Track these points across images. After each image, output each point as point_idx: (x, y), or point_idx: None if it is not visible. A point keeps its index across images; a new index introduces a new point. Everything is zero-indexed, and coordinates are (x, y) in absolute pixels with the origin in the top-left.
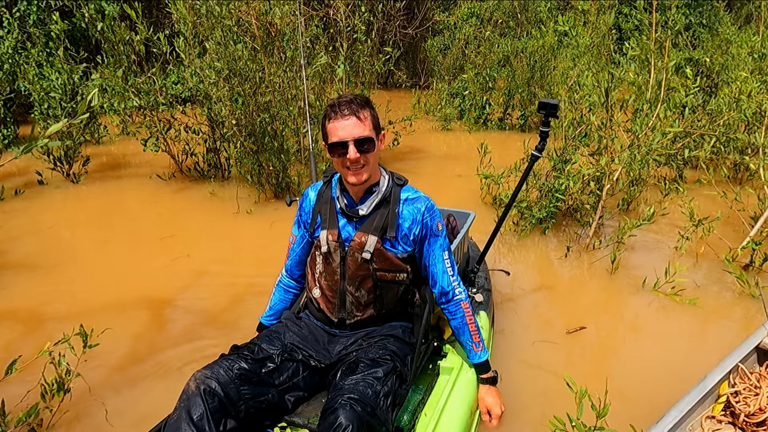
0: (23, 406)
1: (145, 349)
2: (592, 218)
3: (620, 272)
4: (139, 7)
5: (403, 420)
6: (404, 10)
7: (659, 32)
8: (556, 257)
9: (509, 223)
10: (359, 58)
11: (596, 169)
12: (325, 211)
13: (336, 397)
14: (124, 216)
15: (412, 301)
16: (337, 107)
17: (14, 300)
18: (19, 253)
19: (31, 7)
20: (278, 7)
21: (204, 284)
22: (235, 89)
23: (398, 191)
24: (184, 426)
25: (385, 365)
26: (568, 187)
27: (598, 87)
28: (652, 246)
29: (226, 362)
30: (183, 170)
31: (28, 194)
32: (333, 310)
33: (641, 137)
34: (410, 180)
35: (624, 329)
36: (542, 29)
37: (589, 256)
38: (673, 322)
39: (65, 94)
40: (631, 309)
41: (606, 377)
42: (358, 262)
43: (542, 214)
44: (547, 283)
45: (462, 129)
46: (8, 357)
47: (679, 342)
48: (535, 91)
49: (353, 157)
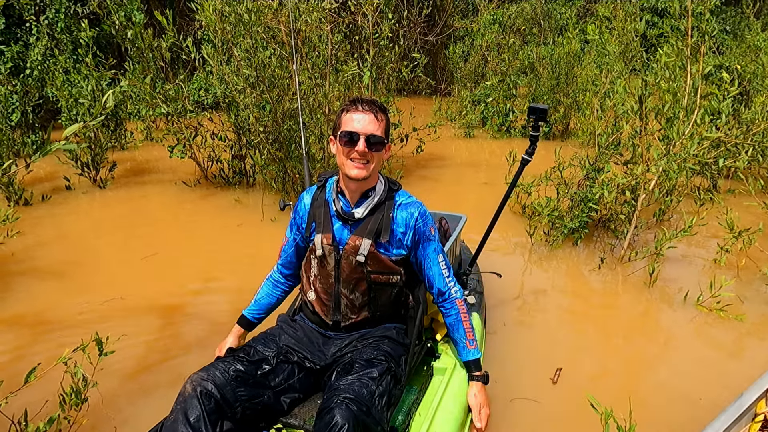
0: (42, 415)
1: (157, 356)
2: (626, 229)
3: (657, 285)
4: (170, 14)
5: (398, 420)
6: (425, 17)
7: (695, 37)
8: (588, 269)
9: (540, 233)
10: (386, 64)
11: (632, 178)
12: (320, 215)
13: (332, 397)
14: (150, 222)
15: (405, 303)
16: (359, 102)
17: (34, 305)
18: (44, 258)
19: (59, 14)
20: (307, 14)
21: (223, 291)
22: (264, 96)
23: (393, 196)
24: (180, 428)
25: (380, 366)
26: (602, 197)
27: (630, 95)
28: (688, 258)
29: (222, 364)
30: (208, 177)
31: (55, 199)
32: (328, 312)
33: (677, 145)
34: (434, 188)
35: (660, 344)
36: (567, 36)
37: (623, 268)
38: (713, 338)
39: (93, 100)
40: (669, 323)
41: (631, 395)
42: (352, 265)
43: (575, 224)
44: (580, 294)
45: (485, 136)
46: (19, 361)
47: (718, 359)
48: (560, 98)
49: (361, 149)
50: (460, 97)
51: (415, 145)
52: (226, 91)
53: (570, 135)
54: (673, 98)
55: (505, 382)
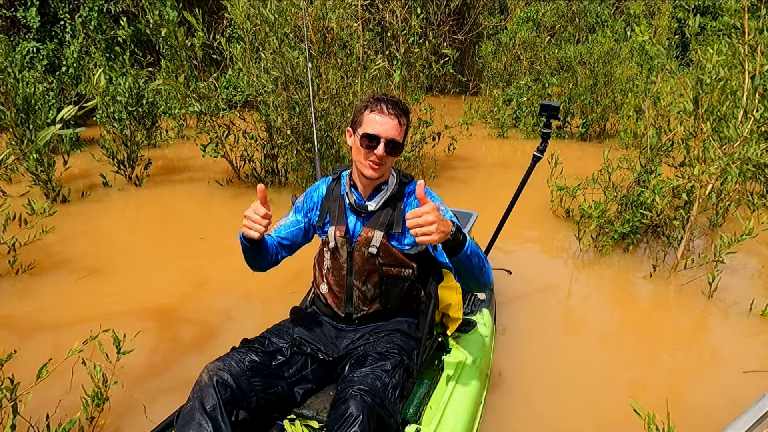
0: (57, 416)
1: (185, 355)
2: (681, 234)
3: (715, 295)
4: (200, 13)
5: (409, 412)
6: (454, 15)
7: (752, 34)
8: (639, 277)
9: (587, 239)
10: (416, 61)
11: (688, 180)
12: (335, 208)
13: (346, 389)
14: (182, 221)
15: (417, 298)
16: (384, 103)
17: (56, 301)
18: (74, 255)
19: (92, 13)
20: (333, 11)
21: (249, 293)
22: (293, 97)
23: (404, 189)
24: (197, 416)
25: (393, 359)
26: (655, 201)
27: (682, 96)
28: (745, 268)
29: (237, 355)
30: (240, 176)
31: (93, 196)
32: (340, 304)
33: (736, 146)
34: (468, 190)
35: (714, 356)
36: (607, 33)
37: (677, 277)
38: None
39: (131, 97)
40: (728, 335)
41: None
42: (364, 257)
43: (625, 228)
44: (630, 304)
45: (518, 137)
46: (29, 357)
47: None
48: (598, 98)
49: (381, 154)
50: (492, 96)
51: (446, 143)
52: (257, 90)
53: (608, 136)
54: (732, 97)
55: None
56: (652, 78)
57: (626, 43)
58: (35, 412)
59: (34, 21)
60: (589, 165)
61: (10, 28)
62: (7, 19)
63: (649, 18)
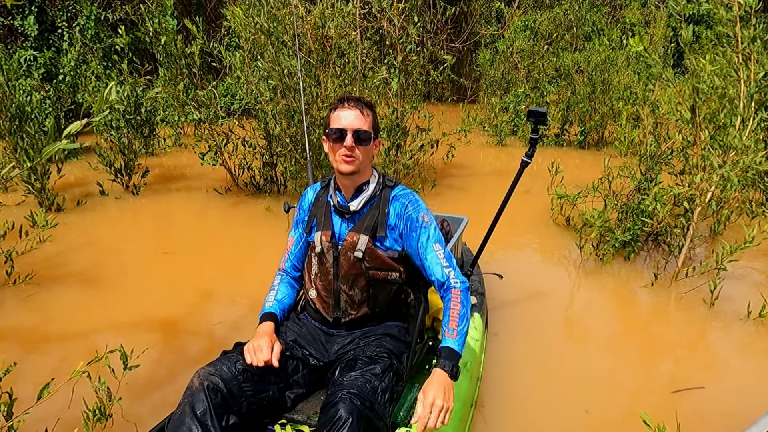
0: (59, 430)
1: (183, 366)
2: (682, 242)
3: (717, 303)
4: (200, 21)
5: (399, 416)
6: (451, 24)
7: (745, 42)
8: (640, 285)
9: (588, 247)
10: (413, 69)
11: (688, 189)
12: (321, 213)
13: (336, 392)
14: (179, 230)
15: (406, 301)
16: (345, 101)
17: (53, 314)
18: (71, 266)
19: (90, 21)
20: (332, 20)
21: (252, 302)
22: (292, 105)
23: (388, 192)
24: (188, 421)
25: (383, 362)
26: (656, 209)
27: (680, 104)
28: (745, 276)
29: (228, 359)
30: (239, 184)
31: (89, 205)
32: (328, 309)
33: (731, 155)
34: (467, 197)
35: (720, 364)
36: (604, 41)
37: (677, 285)
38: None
39: (129, 105)
40: (729, 344)
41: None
42: (350, 261)
43: (626, 237)
44: (631, 313)
45: (516, 144)
46: (27, 373)
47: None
48: (596, 105)
49: (349, 144)
50: (490, 104)
51: (445, 151)
52: (256, 98)
53: (606, 144)
54: (729, 105)
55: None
56: (650, 86)
57: (622, 51)
58: (33, 428)
59: (32, 29)
60: (588, 173)
61: (8, 36)
62: (5, 27)
63: (645, 27)
